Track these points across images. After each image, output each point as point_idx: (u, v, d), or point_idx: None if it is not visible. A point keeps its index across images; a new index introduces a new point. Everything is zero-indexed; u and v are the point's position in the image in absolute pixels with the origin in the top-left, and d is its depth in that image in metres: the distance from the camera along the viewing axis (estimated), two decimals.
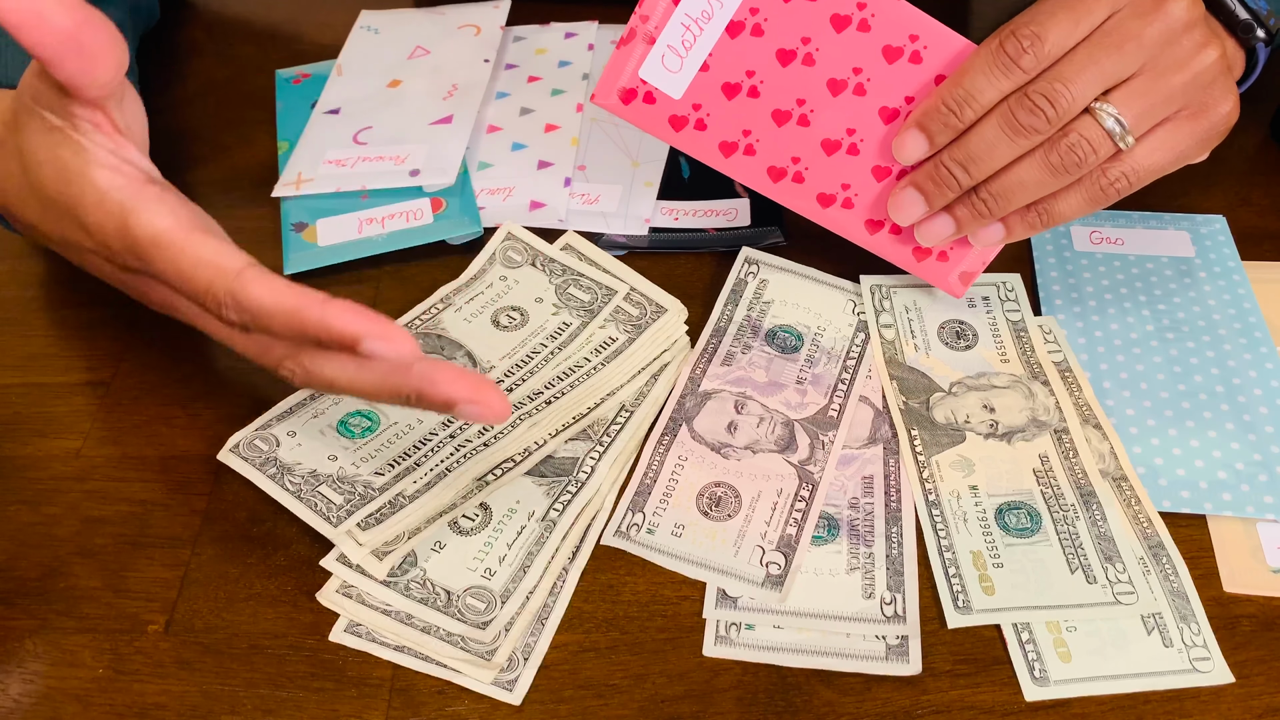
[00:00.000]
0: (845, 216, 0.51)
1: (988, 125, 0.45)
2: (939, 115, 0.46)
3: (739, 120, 0.49)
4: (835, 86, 0.48)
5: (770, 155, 0.50)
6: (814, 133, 0.49)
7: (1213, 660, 0.43)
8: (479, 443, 0.48)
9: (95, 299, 0.58)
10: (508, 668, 0.43)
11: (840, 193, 0.51)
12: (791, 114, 0.49)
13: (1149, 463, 0.49)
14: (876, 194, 0.50)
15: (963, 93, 0.45)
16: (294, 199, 0.60)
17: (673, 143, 0.50)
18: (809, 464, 0.49)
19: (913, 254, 0.52)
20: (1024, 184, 0.46)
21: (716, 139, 0.49)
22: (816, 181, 0.50)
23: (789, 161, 0.50)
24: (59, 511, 0.49)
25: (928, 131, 0.47)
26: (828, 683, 0.43)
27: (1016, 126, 0.45)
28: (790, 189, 0.51)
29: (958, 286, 0.53)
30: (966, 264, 0.53)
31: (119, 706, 0.43)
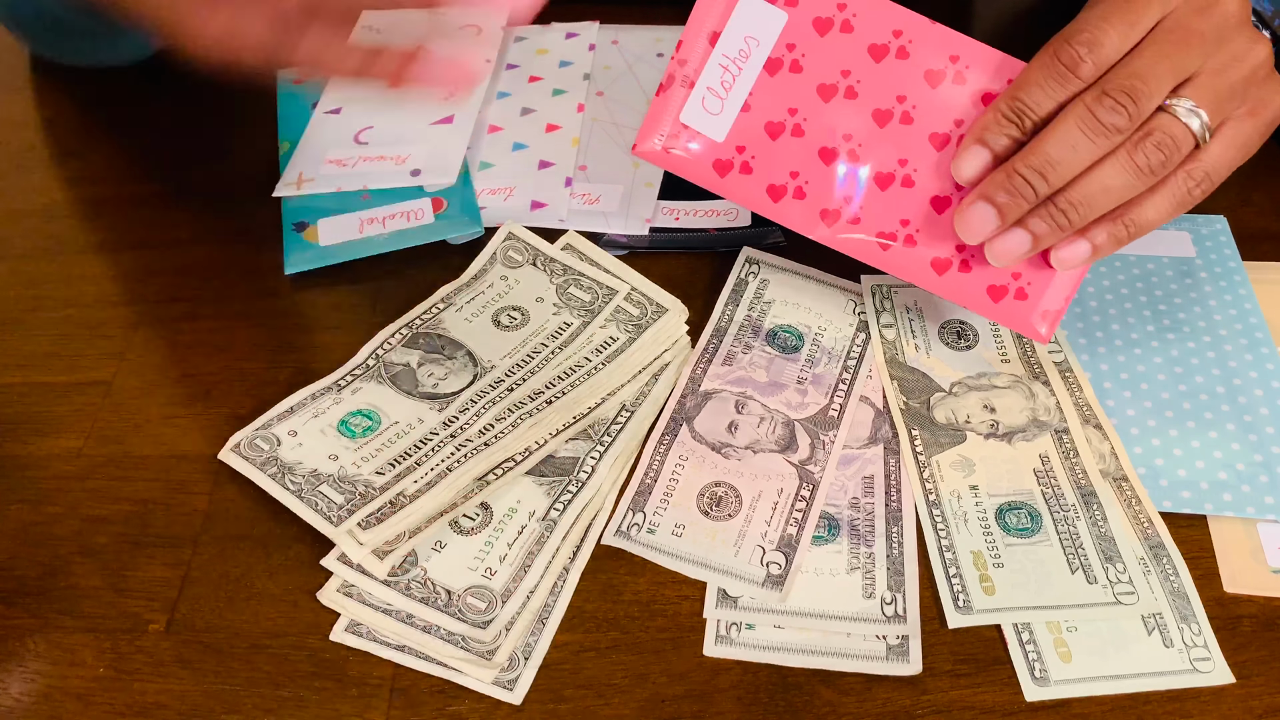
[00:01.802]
0: (908, 256, 0.48)
1: (1064, 126, 0.43)
2: (998, 127, 0.44)
3: (785, 161, 0.48)
4: (881, 117, 0.47)
5: (821, 196, 0.48)
6: (865, 168, 0.47)
7: (1213, 660, 0.43)
8: (480, 442, 0.48)
9: (95, 299, 0.58)
10: (508, 667, 0.43)
11: (900, 230, 0.48)
12: (839, 150, 0.47)
13: (1149, 463, 0.49)
14: (938, 227, 0.48)
15: (1020, 105, 0.44)
16: (295, 199, 0.60)
17: (718, 190, 0.48)
18: (809, 464, 0.49)
19: (987, 293, 0.48)
20: (1108, 189, 0.43)
21: (764, 182, 0.48)
22: (873, 221, 0.48)
23: (842, 201, 0.48)
24: (60, 511, 0.49)
25: (988, 145, 0.45)
26: (828, 683, 0.43)
27: (1097, 126, 0.42)
28: (847, 231, 0.48)
29: (1041, 327, 0.48)
30: (1047, 301, 0.48)
31: (120, 706, 0.43)
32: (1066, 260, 0.46)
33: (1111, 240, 0.45)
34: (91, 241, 0.61)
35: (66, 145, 0.67)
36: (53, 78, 0.71)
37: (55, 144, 0.67)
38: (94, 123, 0.68)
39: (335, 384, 0.51)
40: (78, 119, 0.68)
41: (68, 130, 0.68)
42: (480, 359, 0.52)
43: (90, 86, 0.68)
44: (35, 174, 0.65)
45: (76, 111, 0.69)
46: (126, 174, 0.64)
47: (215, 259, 0.59)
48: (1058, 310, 0.48)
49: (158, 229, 0.61)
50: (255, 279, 0.58)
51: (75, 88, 0.69)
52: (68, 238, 0.61)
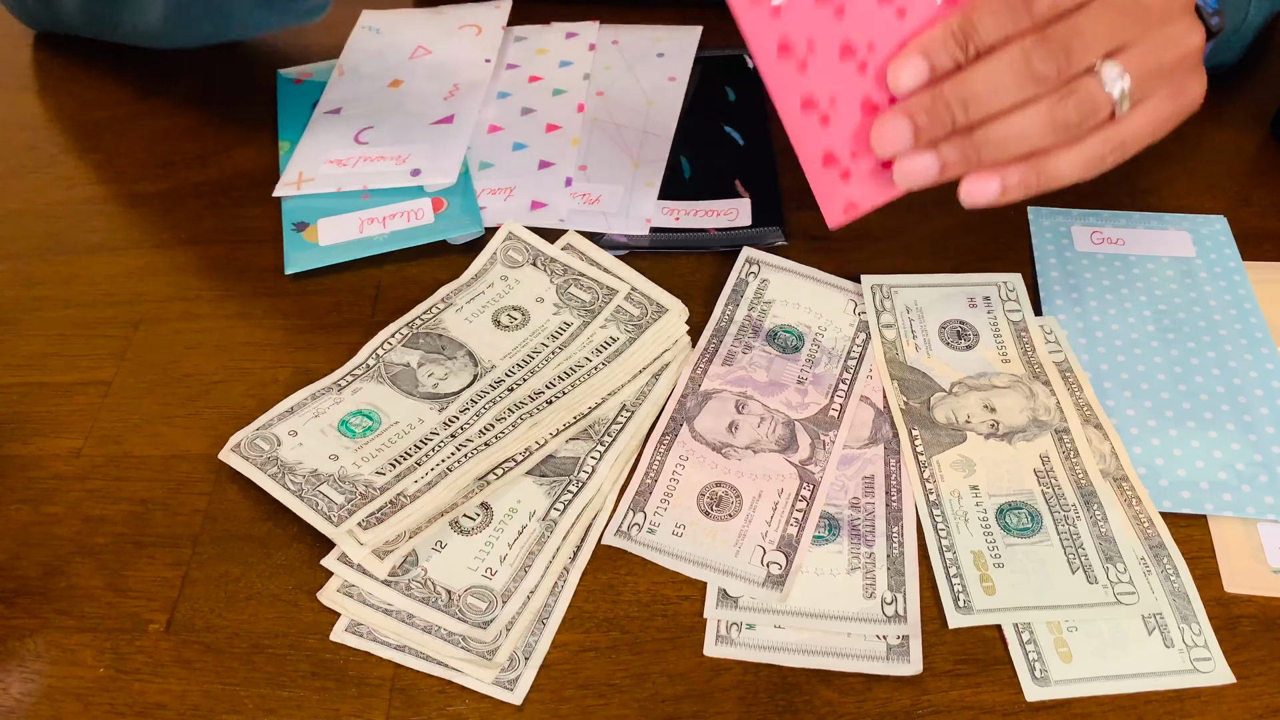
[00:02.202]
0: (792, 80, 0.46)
1: (997, 64, 0.43)
2: (944, 44, 0.44)
3: (811, 28, 0.44)
4: None
5: (813, 83, 0.46)
6: (841, 30, 0.45)
7: (1213, 660, 0.43)
8: (480, 442, 0.48)
9: (95, 299, 0.58)
10: (508, 667, 0.43)
11: (823, 105, 0.46)
12: (857, 53, 0.45)
13: (1150, 463, 0.49)
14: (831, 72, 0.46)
15: (970, 27, 0.44)
16: (295, 198, 0.60)
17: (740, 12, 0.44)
18: (810, 464, 0.49)
19: (822, 156, 0.47)
20: (1024, 134, 0.44)
21: (780, 32, 0.45)
22: (814, 81, 0.46)
23: (827, 101, 0.46)
24: (60, 511, 0.49)
25: (929, 58, 0.45)
26: (828, 682, 0.43)
27: (1027, 71, 0.43)
28: (785, 71, 0.46)
29: (838, 213, 0.48)
30: (856, 193, 0.48)
31: (120, 706, 0.43)
32: (974, 194, 0.46)
33: (1021, 185, 0.46)
34: (91, 241, 0.61)
35: (66, 146, 0.67)
36: (53, 78, 0.71)
37: (55, 144, 0.67)
38: (95, 123, 0.68)
39: (335, 384, 0.51)
40: (78, 119, 0.68)
41: (67, 130, 0.68)
42: (480, 359, 0.52)
43: (90, 86, 0.68)
44: (35, 174, 0.65)
45: (77, 112, 0.69)
46: (127, 174, 0.64)
47: (215, 259, 0.59)
48: (861, 210, 0.48)
49: (158, 229, 0.61)
50: (255, 279, 0.58)
51: (76, 88, 0.69)
52: (67, 237, 0.61)
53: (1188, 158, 0.63)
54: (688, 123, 0.64)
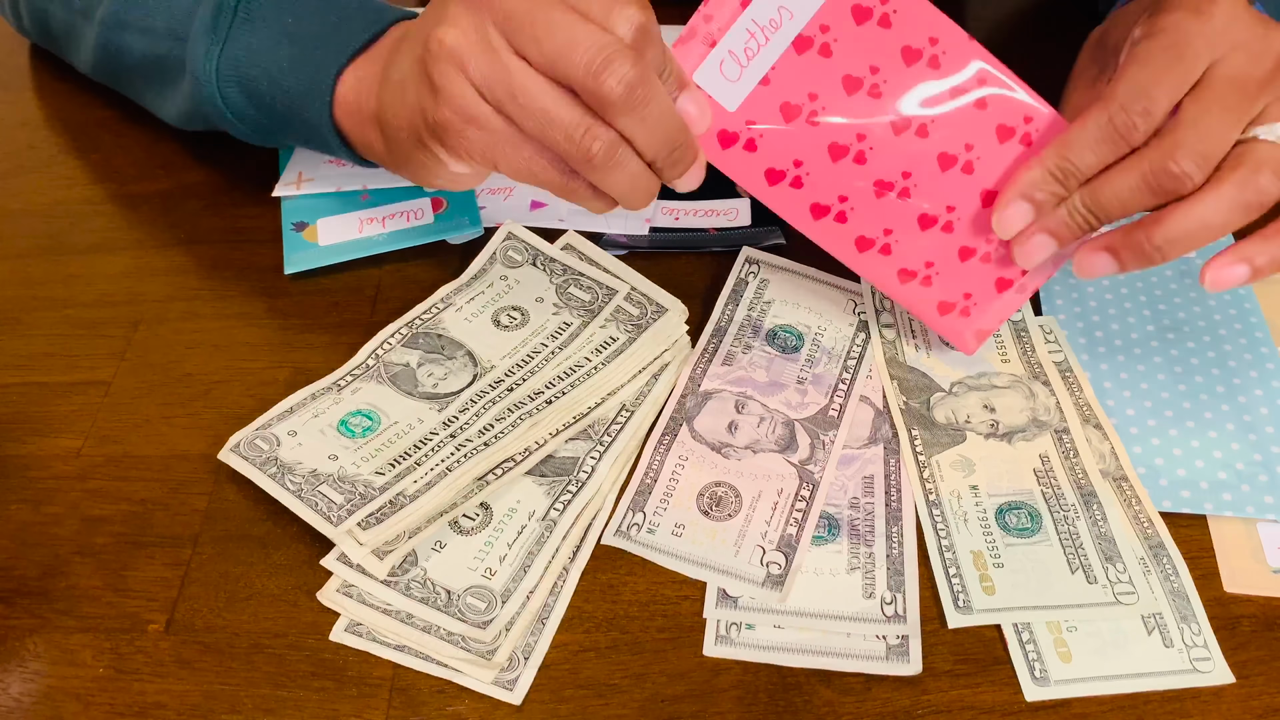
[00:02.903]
0: (880, 262, 0.49)
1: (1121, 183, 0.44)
2: (1045, 184, 0.45)
3: (791, 148, 0.46)
4: (899, 126, 0.46)
5: (817, 191, 0.47)
6: (868, 171, 0.46)
7: (1213, 660, 0.43)
8: (479, 442, 0.48)
9: (95, 299, 0.58)
10: (508, 667, 0.43)
11: (882, 237, 0.48)
12: (849, 149, 0.46)
13: (1149, 463, 0.49)
14: (918, 242, 0.48)
15: (1070, 165, 0.44)
16: (294, 198, 0.60)
17: (716, 160, 0.46)
18: (809, 464, 0.49)
19: (936, 308, 0.50)
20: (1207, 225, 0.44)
21: (765, 165, 0.46)
22: (859, 224, 0.48)
23: (836, 200, 0.47)
24: (60, 511, 0.49)
25: (1031, 199, 0.45)
26: (828, 682, 0.43)
27: (1157, 191, 0.43)
28: (829, 229, 0.48)
29: (972, 343, 0.51)
30: (985, 321, 0.50)
31: (119, 706, 0.43)
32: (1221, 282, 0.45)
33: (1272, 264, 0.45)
34: (91, 241, 0.61)
35: (66, 145, 0.67)
36: (52, 78, 0.71)
37: (55, 144, 0.67)
38: (94, 123, 0.68)
39: (335, 384, 0.51)
40: (78, 119, 0.68)
41: (67, 130, 0.68)
42: (480, 359, 0.52)
43: (90, 86, 0.68)
44: (35, 174, 0.65)
45: (76, 111, 0.69)
46: (126, 174, 0.64)
47: (215, 259, 0.59)
48: (990, 329, 0.51)
49: (157, 229, 0.61)
50: (255, 279, 0.58)
51: (76, 88, 0.69)
52: (67, 237, 0.61)
53: None
54: None
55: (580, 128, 0.40)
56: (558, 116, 0.40)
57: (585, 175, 0.42)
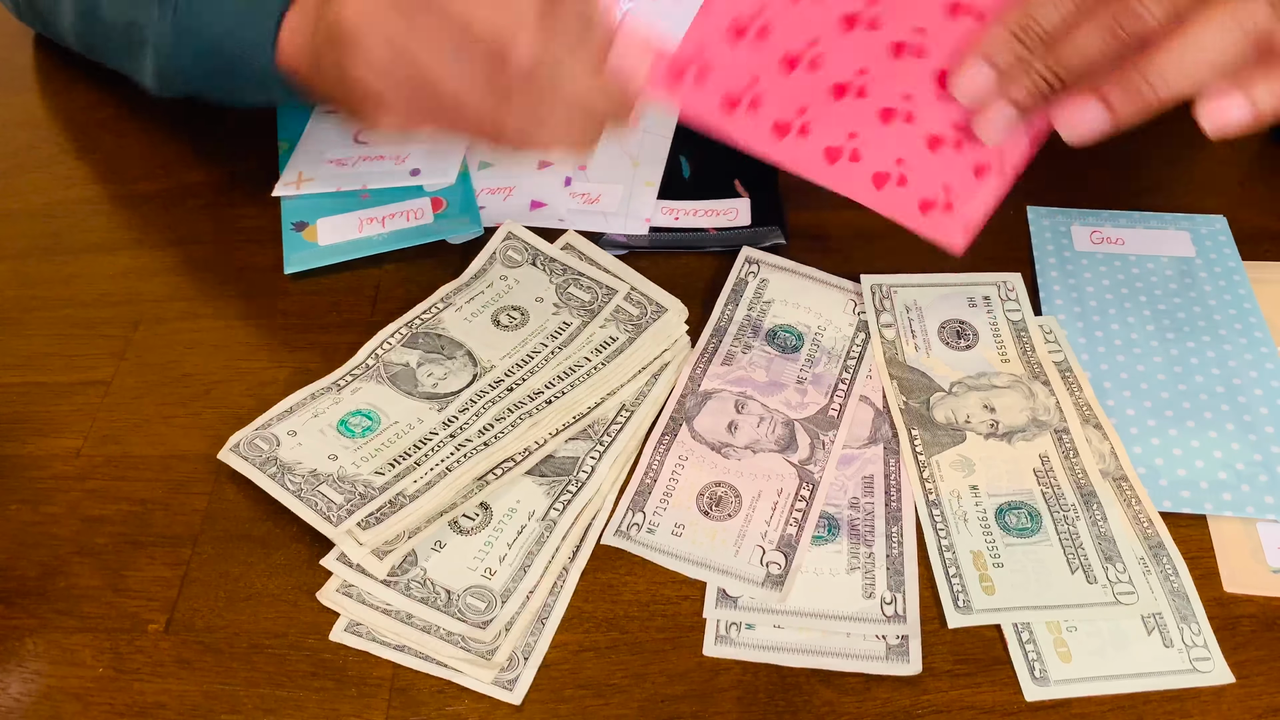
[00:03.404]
0: (852, 171, 0.46)
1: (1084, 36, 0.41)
2: (1005, 43, 0.43)
3: (745, 68, 0.43)
4: (848, 21, 0.43)
5: (776, 108, 0.44)
6: (824, 76, 0.44)
7: (1213, 660, 0.43)
8: (479, 442, 0.48)
9: (94, 298, 0.58)
10: (508, 667, 0.43)
11: (847, 144, 0.45)
12: (802, 57, 0.43)
13: (1149, 463, 0.49)
14: (884, 140, 0.46)
15: (1032, 22, 0.42)
16: (294, 198, 0.60)
17: (670, 99, 0.44)
18: (809, 464, 0.49)
19: (918, 206, 0.47)
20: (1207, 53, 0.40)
21: (719, 91, 0.43)
22: (822, 133, 0.45)
23: (795, 114, 0.45)
24: (59, 511, 0.49)
25: (993, 63, 0.43)
26: (828, 682, 0.43)
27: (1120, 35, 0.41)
28: (795, 145, 0.45)
29: (960, 238, 0.48)
30: (969, 212, 0.48)
31: (119, 706, 0.43)
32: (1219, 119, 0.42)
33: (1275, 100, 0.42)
34: (90, 241, 0.61)
35: (66, 145, 0.67)
36: (53, 77, 0.71)
37: (54, 144, 0.67)
38: (94, 123, 0.68)
39: (335, 384, 0.51)
40: (77, 119, 0.68)
41: (67, 130, 0.68)
42: (480, 359, 0.52)
43: (90, 86, 0.68)
44: (34, 173, 0.65)
45: (76, 111, 0.69)
46: (126, 174, 0.64)
47: (215, 259, 0.59)
48: (977, 222, 0.48)
49: (157, 229, 0.61)
50: (255, 279, 0.58)
51: (75, 88, 0.69)
52: (67, 237, 0.61)
53: (1188, 158, 0.63)
54: None
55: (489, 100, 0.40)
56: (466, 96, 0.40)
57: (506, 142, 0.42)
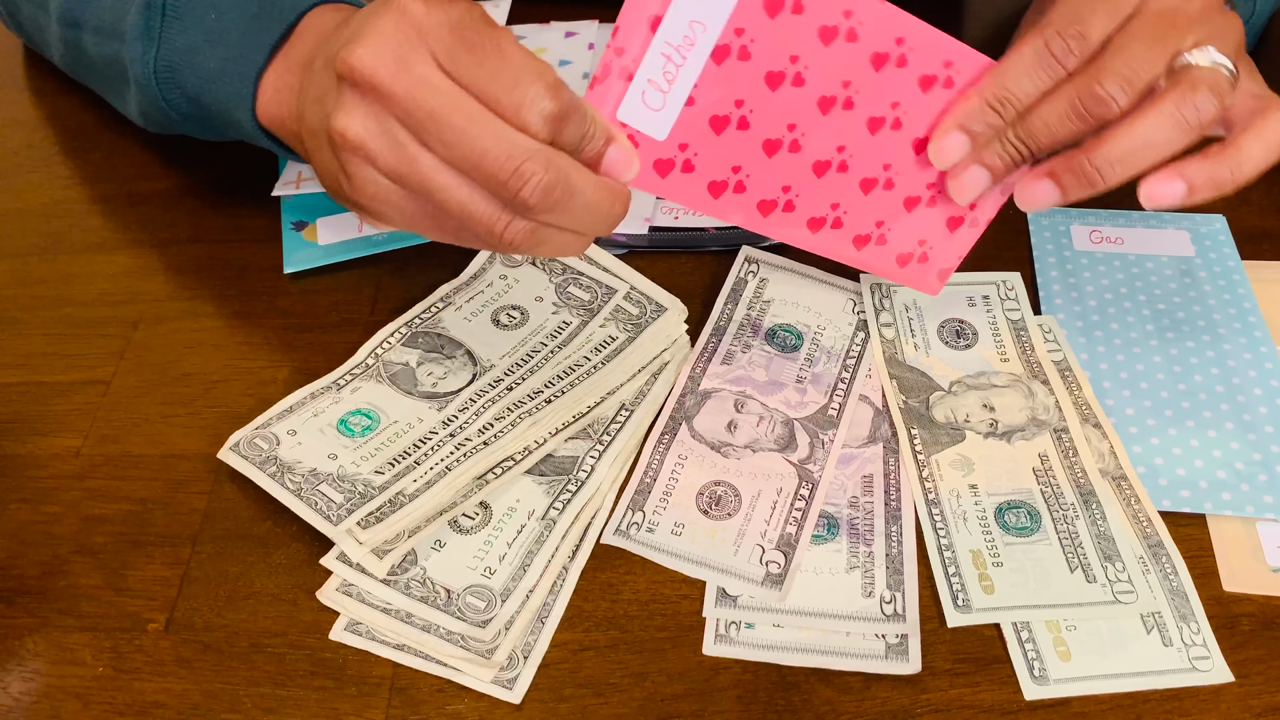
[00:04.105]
0: (834, 237, 0.49)
1: (1051, 111, 0.44)
2: (981, 114, 0.45)
3: (728, 156, 0.45)
4: (825, 104, 0.45)
5: (761, 188, 0.46)
6: (805, 157, 0.46)
7: (1212, 659, 0.43)
8: (479, 441, 0.48)
9: (94, 298, 0.58)
10: (507, 666, 0.43)
11: (830, 213, 0.48)
12: (782, 141, 0.45)
13: (1149, 462, 0.49)
14: (865, 207, 0.48)
15: (1006, 93, 0.44)
16: (294, 198, 0.60)
17: (657, 190, 0.45)
18: (809, 463, 0.49)
19: (896, 261, 0.50)
20: (1150, 144, 0.43)
21: (705, 180, 0.45)
22: (807, 207, 0.48)
23: (779, 192, 0.47)
24: (59, 510, 0.49)
25: (968, 131, 0.45)
26: (827, 681, 0.43)
27: (1084, 116, 0.43)
28: (781, 220, 0.48)
29: (935, 284, 0.51)
30: (943, 261, 0.51)
31: (119, 705, 0.43)
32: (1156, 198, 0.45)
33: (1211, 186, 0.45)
34: (90, 241, 0.61)
35: (65, 144, 0.67)
36: (51, 77, 0.71)
37: (54, 143, 0.67)
38: (93, 122, 0.68)
39: (334, 383, 0.51)
40: (77, 118, 0.68)
41: (66, 129, 0.68)
42: (479, 358, 0.52)
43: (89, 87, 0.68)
44: (34, 173, 0.65)
45: (75, 111, 0.69)
46: (125, 173, 0.64)
47: (215, 258, 0.59)
48: (950, 268, 0.51)
49: (157, 228, 0.61)
50: (255, 278, 0.58)
51: (74, 87, 0.69)
52: (66, 237, 0.61)
53: None
54: None
55: (500, 223, 0.39)
56: (475, 213, 0.39)
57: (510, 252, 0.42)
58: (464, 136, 0.38)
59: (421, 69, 0.38)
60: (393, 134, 0.39)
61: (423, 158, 0.39)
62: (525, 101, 0.38)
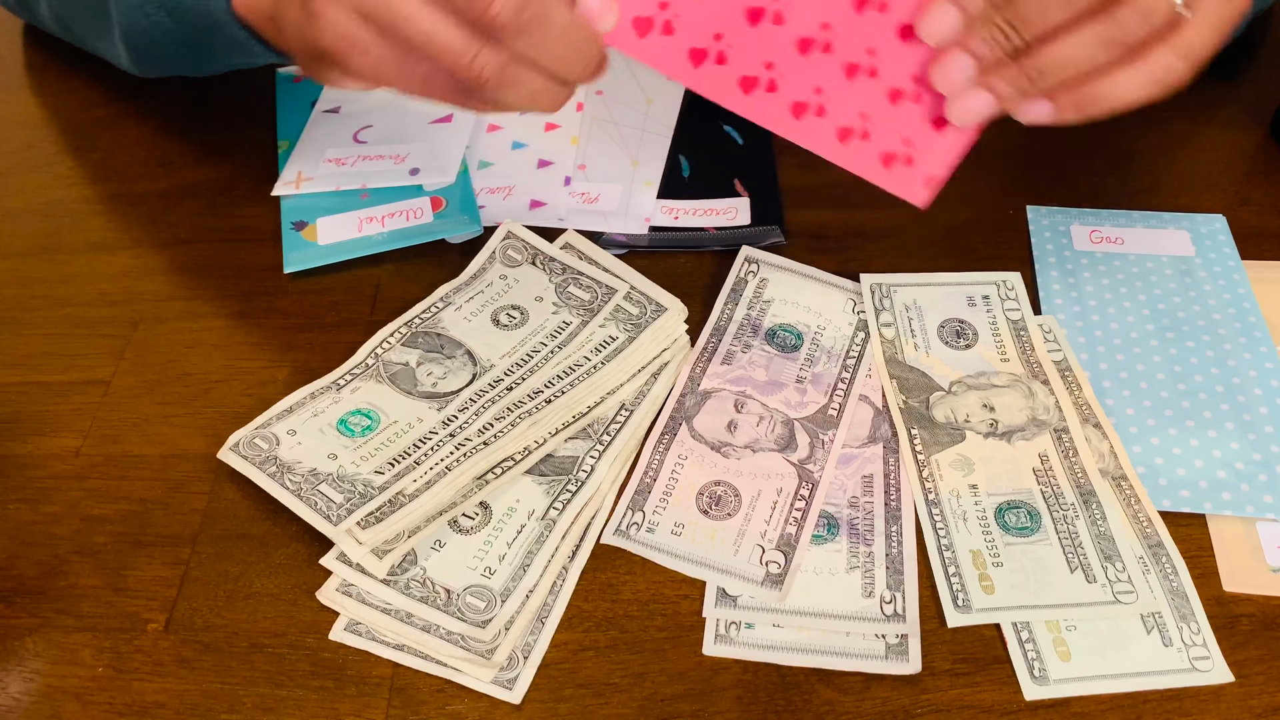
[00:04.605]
0: (818, 126, 0.46)
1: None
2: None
3: (709, 21, 0.43)
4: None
5: (743, 62, 0.44)
6: (789, 31, 0.44)
7: (1212, 660, 0.43)
8: (479, 441, 0.48)
9: (94, 298, 0.58)
10: (507, 666, 0.43)
11: (814, 98, 0.46)
12: (765, 10, 0.44)
13: (1149, 462, 0.49)
14: (849, 95, 0.46)
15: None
16: (294, 197, 0.60)
17: (634, 53, 0.43)
18: (809, 463, 0.49)
19: (880, 160, 0.47)
20: (1073, 57, 0.42)
21: (685, 45, 0.44)
22: (790, 89, 0.45)
23: (762, 68, 0.45)
24: (59, 510, 0.49)
25: (961, 3, 0.43)
26: (827, 681, 0.43)
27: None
28: (763, 100, 0.45)
29: (922, 192, 0.48)
30: (931, 166, 0.47)
31: (119, 705, 0.43)
32: (1028, 115, 0.44)
33: (1074, 108, 0.44)
34: (90, 240, 0.61)
35: (65, 144, 0.67)
36: (52, 76, 0.71)
37: (54, 143, 0.67)
38: (93, 122, 0.68)
39: (334, 383, 0.51)
40: (76, 118, 0.68)
41: (66, 129, 0.68)
42: (479, 358, 0.52)
43: (88, 85, 0.68)
44: (33, 173, 0.65)
45: (75, 110, 0.69)
46: (125, 173, 0.64)
47: (215, 258, 0.59)
48: (940, 177, 0.48)
49: (157, 228, 0.61)
50: (254, 278, 0.58)
51: (74, 86, 0.69)
52: (66, 236, 0.61)
53: (1187, 157, 0.63)
54: (687, 121, 0.64)
55: (468, 54, 0.38)
56: (443, 42, 0.38)
57: (480, 95, 0.40)
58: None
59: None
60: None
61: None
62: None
